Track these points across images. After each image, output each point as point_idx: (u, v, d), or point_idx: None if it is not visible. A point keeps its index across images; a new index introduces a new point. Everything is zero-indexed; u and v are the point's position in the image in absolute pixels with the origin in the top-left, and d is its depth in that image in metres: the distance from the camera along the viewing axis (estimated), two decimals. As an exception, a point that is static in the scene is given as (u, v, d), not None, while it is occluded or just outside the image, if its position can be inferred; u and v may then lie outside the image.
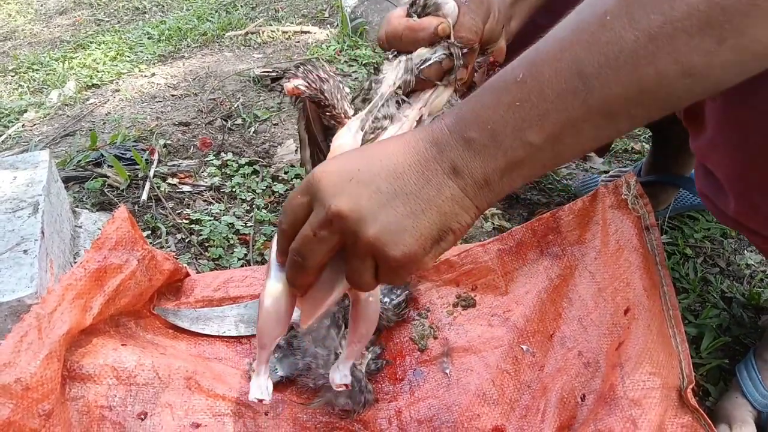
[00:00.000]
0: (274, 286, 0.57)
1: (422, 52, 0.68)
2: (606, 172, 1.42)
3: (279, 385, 0.83)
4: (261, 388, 0.64)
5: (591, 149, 0.47)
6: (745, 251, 1.15)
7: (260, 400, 0.64)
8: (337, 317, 0.82)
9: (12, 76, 2.32)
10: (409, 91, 0.69)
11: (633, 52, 0.41)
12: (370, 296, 0.62)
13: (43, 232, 0.89)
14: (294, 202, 0.52)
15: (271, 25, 2.66)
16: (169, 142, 1.62)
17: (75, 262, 1.03)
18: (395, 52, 0.70)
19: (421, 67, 0.67)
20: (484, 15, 0.69)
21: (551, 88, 0.43)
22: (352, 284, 0.53)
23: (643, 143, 1.59)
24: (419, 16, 0.70)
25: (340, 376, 0.67)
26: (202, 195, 1.38)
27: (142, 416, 0.75)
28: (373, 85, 0.69)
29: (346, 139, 0.64)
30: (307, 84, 0.67)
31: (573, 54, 0.43)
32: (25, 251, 0.84)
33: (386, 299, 0.93)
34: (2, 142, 1.72)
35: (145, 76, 2.17)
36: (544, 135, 0.45)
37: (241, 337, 0.93)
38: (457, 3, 0.68)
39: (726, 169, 0.66)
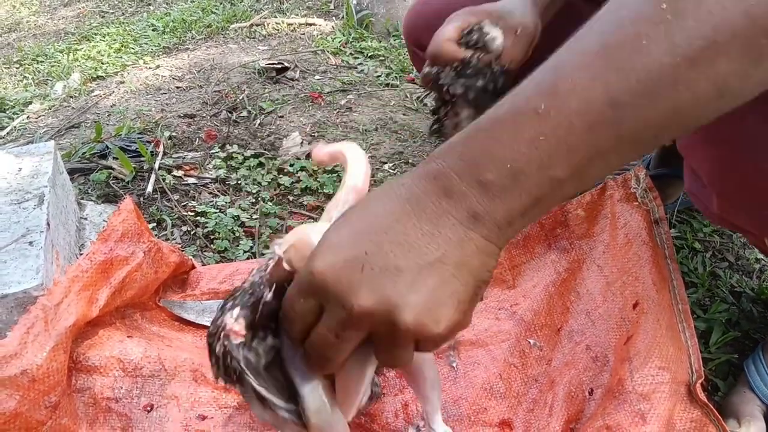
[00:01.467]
0: (309, 398, 0.50)
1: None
2: (613, 165, 1.41)
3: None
4: None
5: (611, 173, 0.43)
6: (757, 249, 1.15)
7: None
8: None
9: (17, 68, 2.32)
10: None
11: (673, 79, 0.37)
12: (424, 362, 0.59)
13: (48, 224, 0.89)
14: (298, 307, 0.45)
15: (276, 17, 2.65)
16: (174, 134, 1.62)
17: (80, 254, 1.03)
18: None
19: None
20: (528, 41, 0.79)
21: (580, 121, 0.39)
22: (391, 367, 0.49)
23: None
24: (468, 46, 0.78)
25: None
26: (208, 187, 1.38)
27: (149, 408, 0.75)
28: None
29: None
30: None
31: (605, 82, 0.39)
32: (30, 243, 0.84)
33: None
34: (7, 133, 1.72)
35: (149, 68, 2.17)
36: (571, 169, 0.40)
37: (247, 329, 0.92)
38: (507, 33, 0.78)
39: (706, 167, 0.66)
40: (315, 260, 0.43)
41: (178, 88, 1.96)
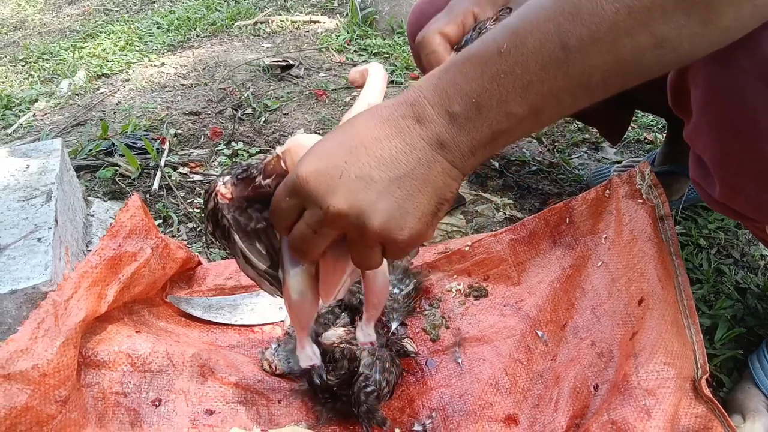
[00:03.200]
0: (293, 280, 0.58)
1: None
2: (618, 162, 1.41)
3: (292, 376, 0.83)
4: (309, 356, 0.67)
5: (567, 115, 0.48)
6: (760, 242, 1.14)
7: (313, 365, 0.67)
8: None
9: (22, 66, 2.33)
10: None
11: (613, 24, 0.42)
12: (378, 271, 0.64)
13: (56, 220, 0.89)
14: (282, 205, 0.51)
15: (280, 14, 2.66)
16: (179, 131, 1.62)
17: (88, 250, 1.04)
18: None
19: None
20: None
21: (535, 60, 0.44)
22: (361, 267, 0.54)
23: (656, 133, 1.57)
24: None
25: (363, 335, 0.69)
26: (213, 184, 1.38)
27: (157, 403, 0.76)
28: None
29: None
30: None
31: (556, 25, 0.43)
32: (39, 239, 0.85)
33: (396, 290, 0.93)
34: (14, 131, 1.73)
35: (154, 65, 2.17)
36: (527, 106, 0.45)
37: (253, 325, 0.93)
38: None
39: (709, 153, 0.66)
40: (301, 165, 0.48)
41: (183, 85, 1.97)
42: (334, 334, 0.77)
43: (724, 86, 0.59)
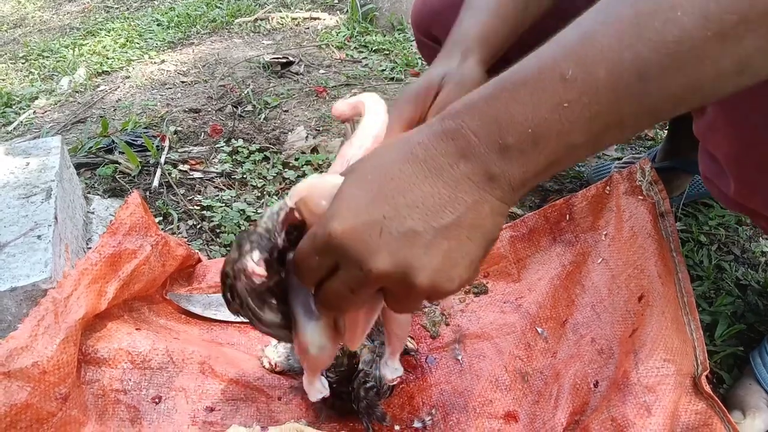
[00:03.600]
0: (312, 334, 0.54)
1: None
2: (619, 158, 1.41)
3: (291, 373, 0.83)
4: (319, 389, 0.65)
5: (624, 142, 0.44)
6: (761, 238, 1.14)
7: (324, 397, 0.66)
8: None
9: (22, 63, 2.33)
10: None
11: (701, 52, 0.37)
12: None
13: (56, 218, 0.89)
14: (313, 263, 0.46)
15: (280, 11, 2.65)
16: (179, 128, 1.62)
17: (88, 248, 1.04)
18: None
19: None
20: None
21: (607, 91, 0.39)
22: (400, 313, 0.51)
23: (657, 129, 1.57)
24: None
25: (390, 371, 0.68)
26: (213, 181, 1.38)
27: (157, 400, 0.76)
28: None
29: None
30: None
31: (635, 53, 0.38)
32: (38, 236, 0.85)
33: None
34: (14, 128, 1.73)
35: (155, 62, 2.17)
36: (589, 136, 0.41)
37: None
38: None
39: (725, 150, 0.66)
40: (333, 221, 0.43)
41: (183, 82, 1.97)
42: None
43: None
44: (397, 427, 0.78)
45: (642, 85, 0.38)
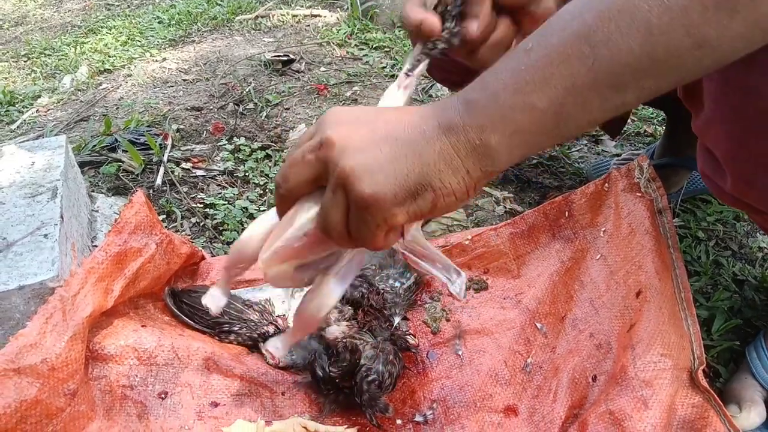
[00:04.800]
0: (262, 216, 0.59)
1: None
2: (618, 155, 1.42)
3: (295, 369, 0.84)
4: (213, 297, 0.70)
5: (597, 122, 0.46)
6: (758, 234, 1.15)
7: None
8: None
9: (25, 62, 2.34)
10: None
11: (646, 22, 0.40)
12: (317, 295, 0.61)
13: (62, 217, 0.91)
14: (303, 136, 0.53)
15: (281, 8, 2.66)
16: (181, 126, 1.63)
17: (93, 246, 1.05)
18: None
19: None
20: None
21: (557, 53, 0.43)
22: (321, 221, 0.51)
23: (656, 126, 1.58)
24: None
25: (273, 344, 0.73)
26: (216, 179, 1.40)
27: (163, 395, 0.77)
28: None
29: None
30: None
31: (582, 21, 0.43)
32: (45, 235, 0.86)
33: (397, 284, 0.94)
34: (17, 127, 1.74)
35: (156, 60, 2.18)
36: (547, 99, 0.44)
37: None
38: None
39: (722, 146, 0.66)
40: (326, 128, 0.50)
41: (184, 80, 1.98)
42: (338, 329, 0.79)
43: (740, 79, 0.58)
44: (399, 422, 0.79)
45: (590, 49, 0.42)
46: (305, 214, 0.53)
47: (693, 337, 0.76)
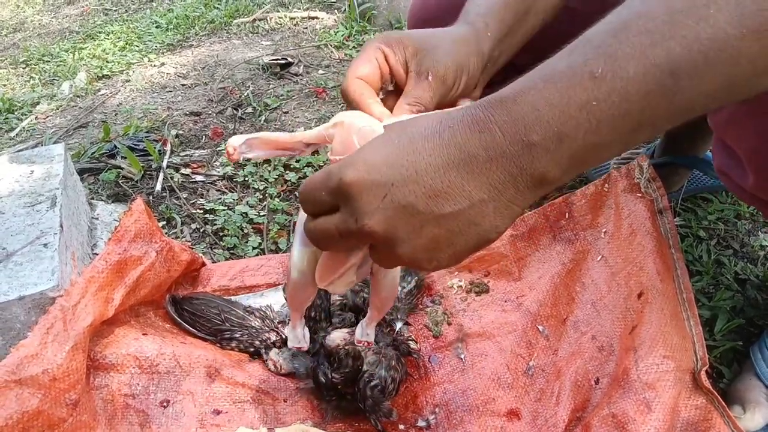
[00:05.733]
0: (298, 258, 0.58)
1: None
2: (618, 155, 1.41)
3: (297, 376, 0.84)
4: (298, 337, 0.69)
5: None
6: (760, 232, 1.15)
7: (299, 348, 0.70)
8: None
9: (23, 68, 2.34)
10: None
11: (736, 50, 0.36)
12: (388, 276, 0.63)
13: (61, 226, 0.90)
14: (318, 197, 0.47)
15: (278, 11, 2.66)
16: (180, 132, 1.63)
17: (93, 254, 1.05)
18: None
19: None
20: (441, 89, 0.60)
21: (637, 88, 0.38)
22: (379, 265, 0.52)
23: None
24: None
25: (362, 334, 0.70)
26: (215, 185, 1.39)
27: (165, 404, 0.77)
28: None
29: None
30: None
31: (667, 50, 0.37)
32: (45, 245, 0.86)
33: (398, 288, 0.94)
34: (16, 134, 1.74)
35: (154, 65, 2.18)
36: (618, 135, 0.40)
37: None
38: (419, 75, 0.60)
39: (746, 143, 0.65)
40: (349, 168, 0.44)
41: (183, 85, 1.98)
42: (339, 336, 0.78)
43: None
44: (401, 427, 0.79)
45: (674, 83, 0.37)
46: (352, 260, 0.54)
47: (695, 338, 0.75)
